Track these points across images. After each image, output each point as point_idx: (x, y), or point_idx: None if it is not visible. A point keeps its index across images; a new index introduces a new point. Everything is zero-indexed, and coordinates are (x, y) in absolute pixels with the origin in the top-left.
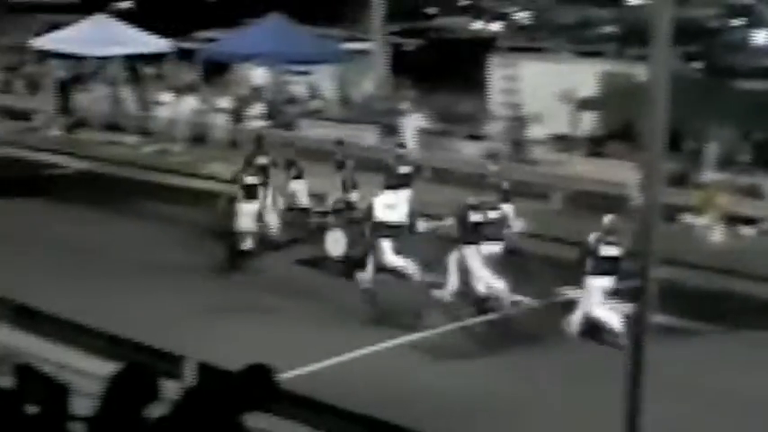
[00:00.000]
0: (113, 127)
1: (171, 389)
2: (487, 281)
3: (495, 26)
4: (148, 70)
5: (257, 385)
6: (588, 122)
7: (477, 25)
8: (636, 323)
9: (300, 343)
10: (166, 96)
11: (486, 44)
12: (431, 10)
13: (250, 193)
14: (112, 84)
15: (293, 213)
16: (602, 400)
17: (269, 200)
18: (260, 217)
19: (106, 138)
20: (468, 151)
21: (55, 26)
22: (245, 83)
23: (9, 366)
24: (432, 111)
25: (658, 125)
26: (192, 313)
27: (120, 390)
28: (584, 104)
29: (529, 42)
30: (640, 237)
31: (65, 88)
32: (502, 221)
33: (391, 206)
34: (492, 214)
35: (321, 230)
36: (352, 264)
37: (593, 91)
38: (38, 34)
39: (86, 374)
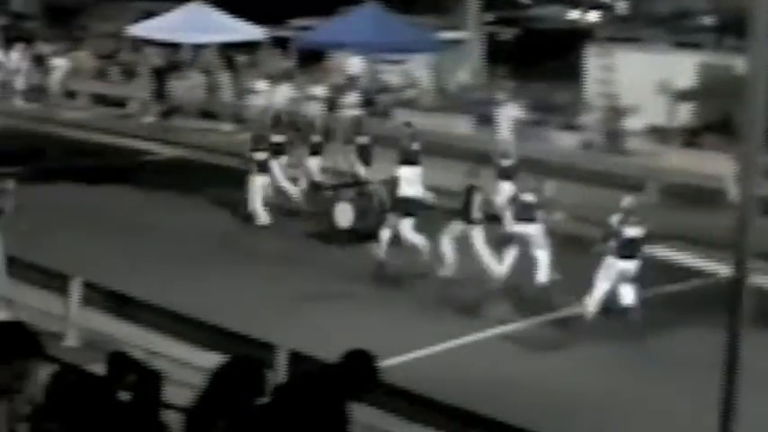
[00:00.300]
0: (207, 114)
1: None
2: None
3: (592, 16)
4: (243, 58)
5: (358, 372)
6: (685, 114)
7: (574, 15)
8: (731, 314)
9: (389, 332)
10: (261, 84)
11: (582, 34)
12: None
13: (261, 167)
14: (207, 71)
15: (310, 188)
16: (702, 394)
17: (282, 174)
18: (274, 190)
19: (200, 125)
20: (564, 142)
21: (150, 14)
22: (340, 71)
23: (102, 353)
24: (527, 101)
25: (756, 117)
26: (281, 301)
27: (226, 382)
28: (681, 96)
29: (626, 32)
30: (737, 230)
31: (160, 75)
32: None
33: (409, 181)
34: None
35: (332, 203)
36: (360, 235)
37: (691, 82)
38: (134, 22)
39: (179, 362)
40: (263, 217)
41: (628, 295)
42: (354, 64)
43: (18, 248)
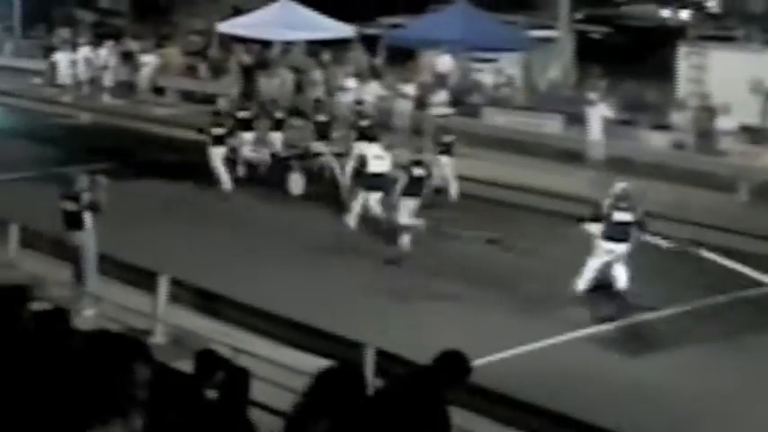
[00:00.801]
0: (296, 112)
1: None
2: None
3: (684, 14)
4: (332, 56)
5: (452, 372)
6: None
7: (666, 13)
8: None
9: (478, 331)
10: (350, 82)
11: (674, 32)
12: None
13: (217, 141)
14: (296, 69)
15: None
16: None
17: (247, 147)
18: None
19: (289, 123)
20: (655, 141)
21: (239, 11)
22: (430, 69)
23: (189, 350)
24: (618, 100)
25: None
26: (368, 297)
27: (326, 387)
28: None
29: (718, 31)
30: None
31: (248, 73)
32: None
33: (378, 157)
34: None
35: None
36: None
37: None
38: (222, 19)
39: (266, 359)
40: (225, 183)
41: (621, 278)
42: (444, 62)
43: (106, 245)
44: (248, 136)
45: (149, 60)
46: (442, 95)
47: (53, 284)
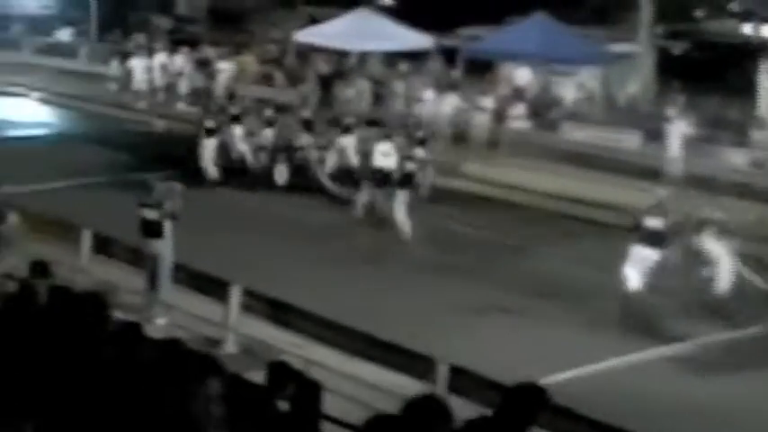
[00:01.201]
0: (373, 123)
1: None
2: None
3: (767, 30)
4: (410, 67)
5: (531, 403)
6: None
7: (747, 29)
8: None
9: (551, 347)
10: (428, 94)
11: (756, 49)
12: (699, 12)
13: (210, 133)
14: (373, 79)
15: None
16: None
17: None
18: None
19: (366, 134)
20: (735, 159)
21: (315, 20)
22: (508, 82)
23: (260, 361)
24: (697, 116)
25: None
26: (439, 312)
27: (411, 418)
28: None
29: None
30: None
31: (325, 82)
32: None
33: (386, 154)
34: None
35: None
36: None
37: None
38: (299, 28)
39: (336, 372)
40: (212, 173)
41: (633, 279)
42: (523, 75)
43: (179, 253)
44: (238, 130)
45: (225, 68)
46: (520, 109)
47: (125, 292)
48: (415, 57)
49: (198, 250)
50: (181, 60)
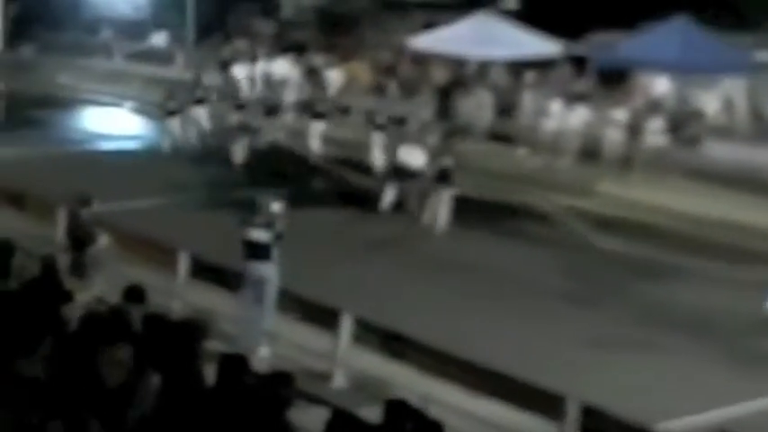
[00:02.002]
0: (498, 137)
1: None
2: None
3: None
4: (535, 76)
5: None
6: None
7: None
8: None
9: (687, 386)
10: (555, 105)
11: None
12: None
13: (171, 113)
14: (496, 89)
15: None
16: None
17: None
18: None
19: (488, 149)
20: None
21: (431, 25)
22: (644, 93)
23: (371, 396)
24: None
25: None
26: (568, 345)
27: None
28: None
29: None
30: None
31: (443, 92)
32: None
33: (409, 151)
34: None
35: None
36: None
37: None
38: (414, 33)
39: (458, 410)
40: (167, 146)
41: None
42: (660, 85)
43: (283, 277)
44: (201, 111)
45: (334, 77)
46: (657, 122)
47: (224, 319)
48: (540, 65)
49: (303, 276)
50: (286, 68)
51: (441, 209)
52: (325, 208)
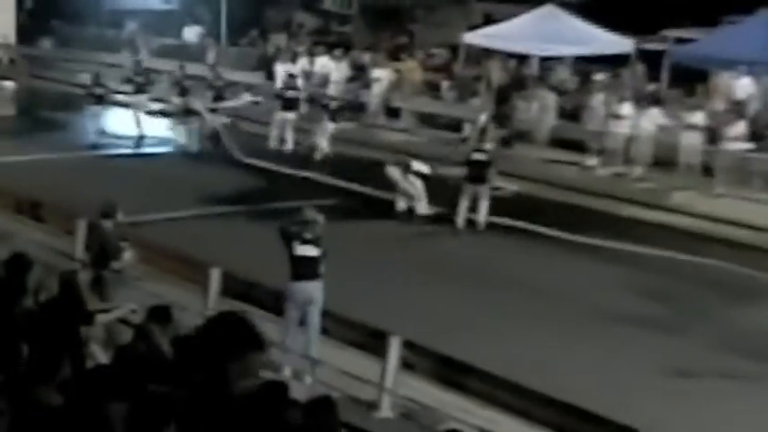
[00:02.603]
0: (561, 143)
1: None
2: None
3: None
4: (604, 76)
5: None
6: None
7: None
8: None
9: None
10: (625, 108)
11: None
12: None
13: (98, 100)
14: (560, 90)
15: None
16: None
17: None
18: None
19: (551, 155)
20: None
21: (490, 18)
22: (725, 95)
23: (424, 428)
24: None
25: None
26: (639, 373)
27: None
28: None
29: None
30: None
31: (502, 94)
32: None
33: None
34: None
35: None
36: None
37: None
38: (471, 28)
39: None
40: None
41: None
42: (743, 86)
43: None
44: (142, 98)
45: (382, 76)
46: (739, 127)
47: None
48: (610, 64)
49: (347, 295)
50: (329, 66)
51: (480, 206)
52: (356, 218)
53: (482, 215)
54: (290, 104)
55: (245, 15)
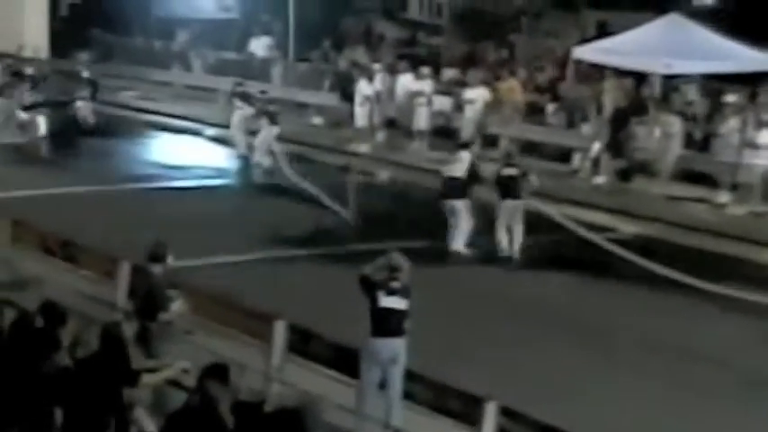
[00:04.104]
0: (688, 176)
1: None
2: None
3: None
4: (738, 98)
5: None
6: None
7: None
8: None
9: None
10: (764, 136)
11: None
12: None
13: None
14: (687, 115)
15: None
16: None
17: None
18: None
19: (676, 191)
20: None
21: (604, 29)
22: None
23: None
24: None
25: None
26: None
27: None
28: None
29: None
30: None
31: (619, 118)
32: None
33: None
34: None
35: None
36: None
37: None
38: (581, 41)
39: None
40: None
41: None
42: None
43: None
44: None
45: (476, 97)
46: None
47: (335, 409)
48: (746, 84)
49: (434, 353)
50: (415, 85)
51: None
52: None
53: (517, 243)
54: None
55: (318, 25)
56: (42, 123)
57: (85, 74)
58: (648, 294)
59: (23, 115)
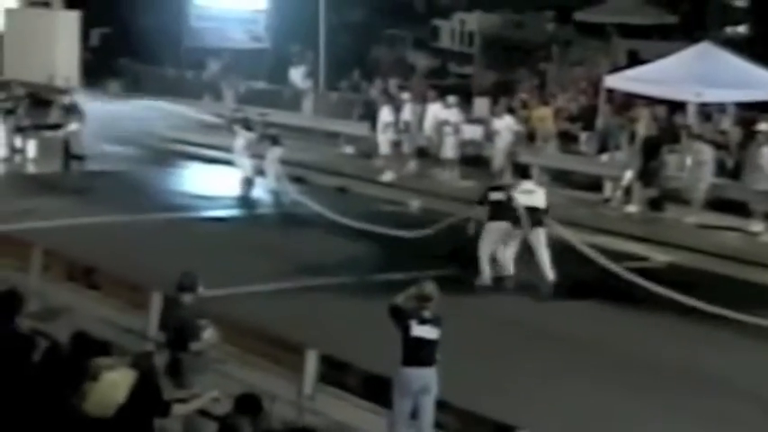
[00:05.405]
0: (721, 205)
1: None
2: None
3: None
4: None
5: None
6: None
7: None
8: None
9: None
10: None
11: None
12: None
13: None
14: (718, 143)
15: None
16: None
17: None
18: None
19: (708, 220)
20: None
21: (638, 57)
22: None
23: None
24: None
25: None
26: None
27: None
28: None
29: None
30: None
31: (650, 146)
32: None
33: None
34: None
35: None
36: None
37: None
38: (612, 69)
39: None
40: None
41: None
42: None
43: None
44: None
45: (505, 126)
46: None
47: None
48: None
49: (462, 382)
50: (443, 113)
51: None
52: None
53: (509, 262)
54: None
55: (349, 54)
56: (32, 146)
57: (69, 101)
58: (681, 325)
59: (16, 139)
